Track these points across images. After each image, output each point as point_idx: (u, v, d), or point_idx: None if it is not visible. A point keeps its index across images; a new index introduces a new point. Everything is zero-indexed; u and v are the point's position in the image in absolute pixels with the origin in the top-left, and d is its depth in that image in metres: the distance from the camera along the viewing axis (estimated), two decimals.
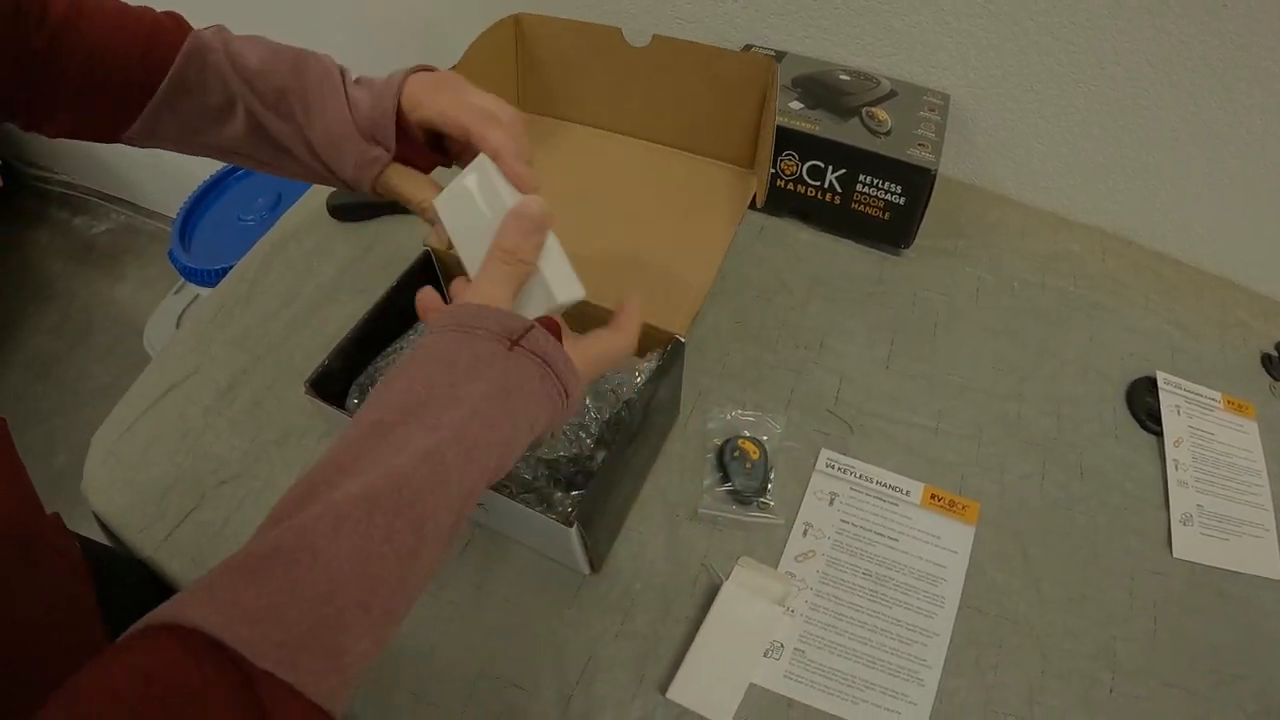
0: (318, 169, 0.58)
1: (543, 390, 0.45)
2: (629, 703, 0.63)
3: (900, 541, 0.71)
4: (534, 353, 0.45)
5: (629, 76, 0.75)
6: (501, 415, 0.42)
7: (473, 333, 0.44)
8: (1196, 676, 0.65)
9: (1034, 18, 0.86)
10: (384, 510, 0.37)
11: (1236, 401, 0.83)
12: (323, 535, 0.36)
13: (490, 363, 0.43)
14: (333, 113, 0.56)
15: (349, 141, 0.56)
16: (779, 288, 0.91)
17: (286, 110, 0.56)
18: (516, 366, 0.44)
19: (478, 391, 0.42)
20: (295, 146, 0.57)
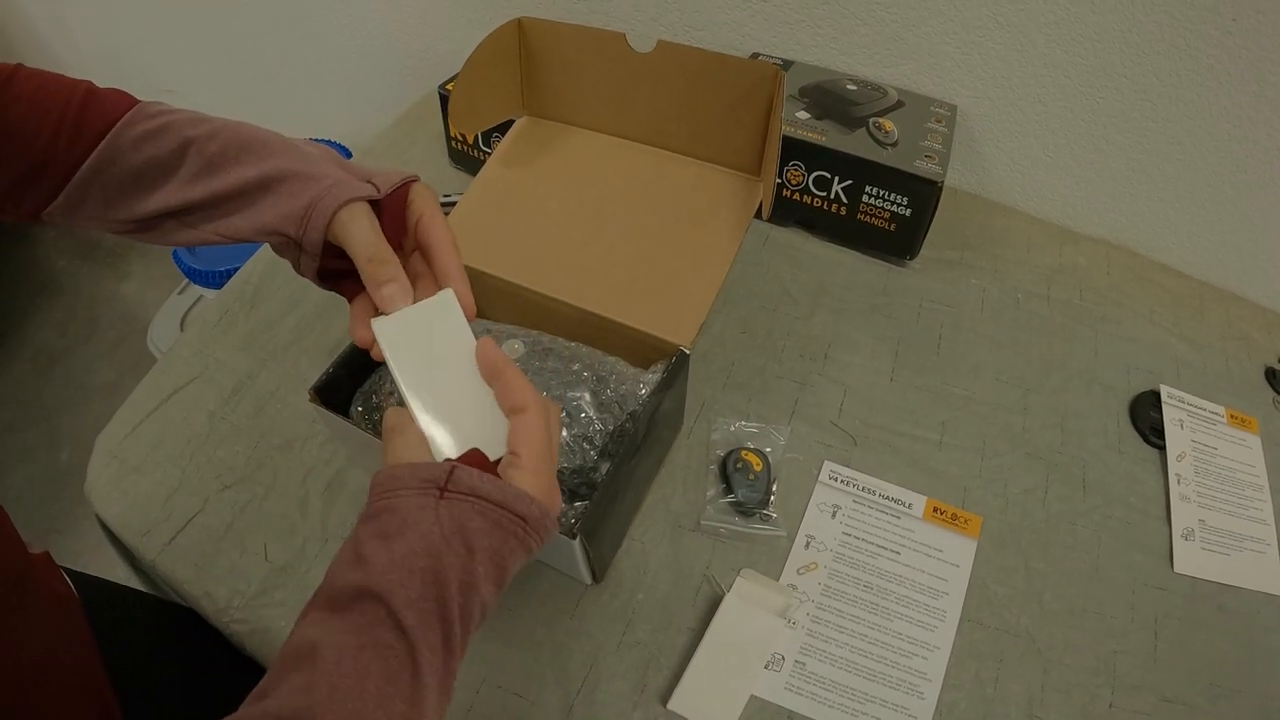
0: (273, 204, 0.51)
1: (487, 525, 0.43)
2: (630, 713, 0.63)
3: (902, 554, 0.71)
4: (464, 494, 0.43)
5: (634, 82, 0.75)
6: (449, 571, 0.41)
7: (396, 494, 0.43)
8: (1196, 691, 0.65)
9: (1042, 30, 0.86)
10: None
11: (1240, 416, 0.83)
12: None
13: (422, 518, 0.42)
14: (319, 153, 0.54)
15: (322, 172, 0.52)
16: (784, 298, 0.91)
17: (249, 157, 0.52)
18: (449, 513, 0.42)
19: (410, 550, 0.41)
20: (251, 182, 0.51)
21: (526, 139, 0.81)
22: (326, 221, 0.49)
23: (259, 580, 0.71)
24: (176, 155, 0.51)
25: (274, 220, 0.51)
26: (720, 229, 0.72)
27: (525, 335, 0.70)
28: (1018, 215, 1.02)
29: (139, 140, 0.51)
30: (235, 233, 0.53)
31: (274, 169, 0.51)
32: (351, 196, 0.50)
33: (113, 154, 0.51)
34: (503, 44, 0.76)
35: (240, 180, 0.51)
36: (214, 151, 0.51)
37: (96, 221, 0.53)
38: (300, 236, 0.50)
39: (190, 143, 0.51)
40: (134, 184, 0.52)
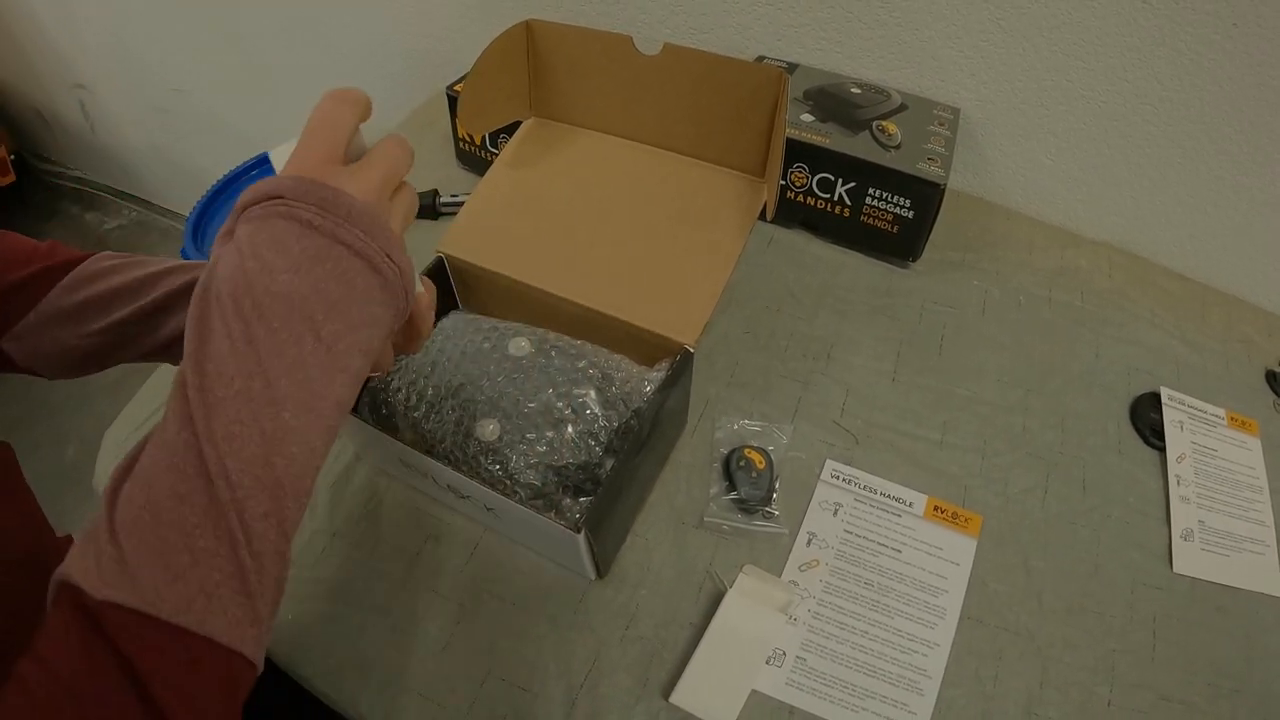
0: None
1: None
2: (633, 706, 0.63)
3: (903, 552, 0.72)
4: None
5: (640, 84, 0.76)
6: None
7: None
8: (1194, 691, 0.65)
9: (1044, 34, 0.87)
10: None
11: (1240, 418, 0.83)
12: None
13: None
14: None
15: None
16: (788, 299, 0.92)
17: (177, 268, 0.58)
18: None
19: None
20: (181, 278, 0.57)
21: (534, 140, 0.82)
22: None
23: None
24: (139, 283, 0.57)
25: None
26: (725, 230, 0.73)
27: (532, 333, 0.71)
28: (1020, 218, 1.03)
29: (107, 272, 0.57)
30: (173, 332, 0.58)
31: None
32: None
33: (90, 276, 0.56)
34: (511, 46, 0.76)
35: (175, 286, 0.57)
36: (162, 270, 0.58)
37: (59, 341, 0.58)
38: None
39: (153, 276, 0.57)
40: (111, 298, 0.57)
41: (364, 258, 0.39)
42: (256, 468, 0.35)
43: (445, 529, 0.74)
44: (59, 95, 2.16)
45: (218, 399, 0.35)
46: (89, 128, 2.22)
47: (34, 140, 2.47)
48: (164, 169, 2.20)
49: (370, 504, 0.75)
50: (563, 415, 0.65)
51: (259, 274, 0.36)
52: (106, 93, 2.04)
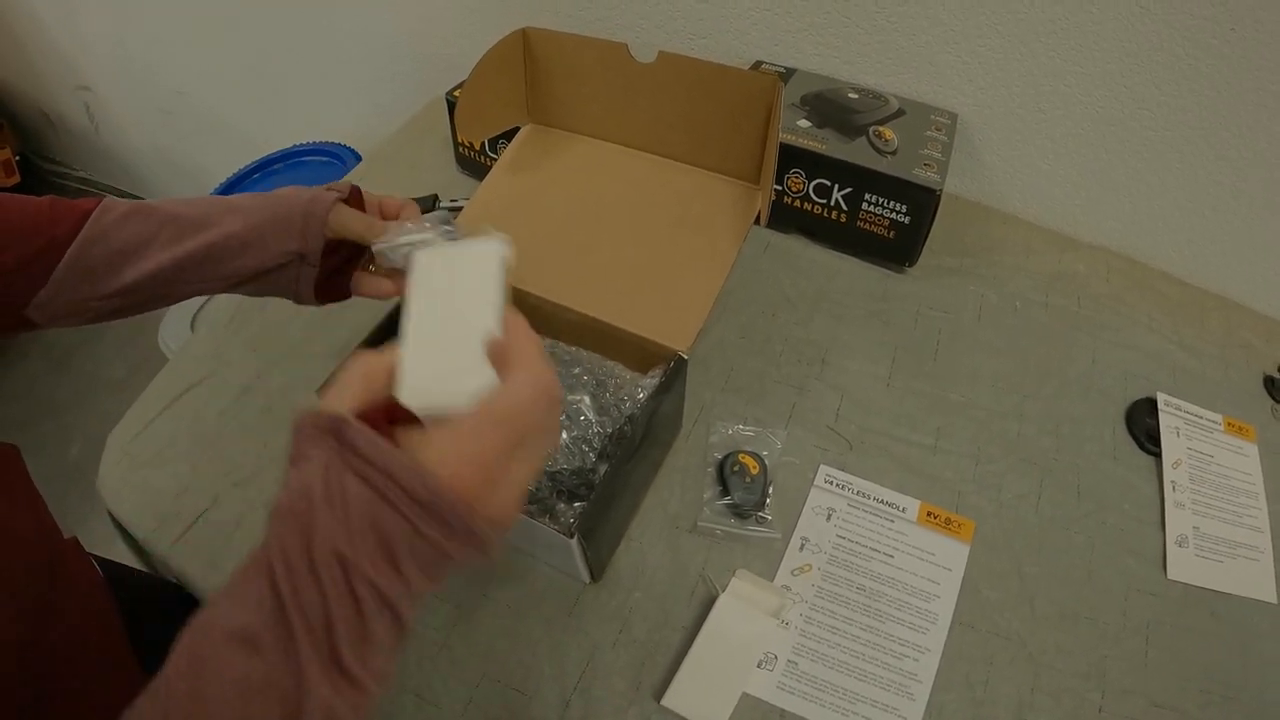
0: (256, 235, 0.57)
1: (373, 491, 0.36)
2: (626, 709, 0.64)
3: (895, 558, 0.72)
4: (350, 450, 0.37)
5: (635, 91, 0.76)
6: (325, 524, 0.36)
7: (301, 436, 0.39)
8: (1187, 697, 0.66)
9: (1042, 39, 0.87)
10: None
11: (1237, 424, 0.83)
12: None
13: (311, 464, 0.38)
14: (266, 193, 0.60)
15: (295, 194, 0.59)
16: (784, 304, 0.92)
17: (218, 213, 0.58)
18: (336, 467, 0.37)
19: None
20: (232, 223, 0.57)
21: (531, 146, 0.82)
22: (323, 224, 0.58)
23: None
24: (157, 226, 0.57)
25: (276, 249, 0.58)
26: (719, 236, 0.73)
27: None
28: (1017, 222, 1.03)
29: (121, 220, 0.56)
30: (236, 273, 0.59)
31: (249, 212, 0.58)
32: (332, 200, 0.59)
33: (96, 235, 0.55)
34: (508, 53, 0.77)
35: (226, 231, 0.57)
36: (191, 216, 0.57)
37: (80, 303, 0.57)
38: (304, 248, 0.58)
39: (169, 216, 0.57)
40: (119, 259, 0.56)
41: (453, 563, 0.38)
42: None
43: None
44: (63, 97, 2.17)
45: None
46: (93, 129, 2.23)
47: (39, 141, 2.49)
48: (168, 170, 2.21)
49: None
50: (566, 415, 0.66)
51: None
52: (111, 94, 2.04)
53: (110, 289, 0.56)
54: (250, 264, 0.58)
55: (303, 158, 1.60)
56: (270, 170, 1.59)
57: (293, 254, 0.58)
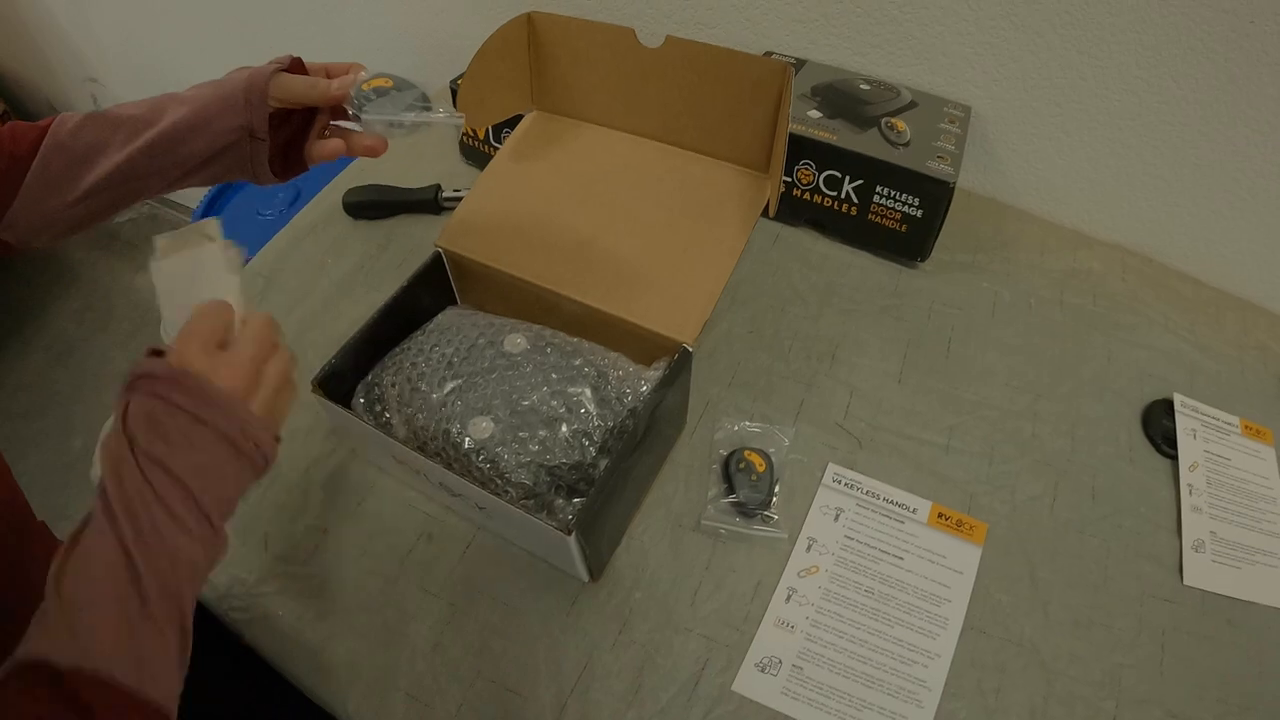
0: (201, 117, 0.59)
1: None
2: (624, 712, 0.62)
3: (905, 560, 0.70)
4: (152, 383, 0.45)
5: (642, 77, 0.75)
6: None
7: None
8: (1203, 707, 0.64)
9: (1058, 31, 0.85)
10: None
11: (1255, 427, 0.81)
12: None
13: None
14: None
15: (237, 73, 0.61)
16: (793, 298, 0.90)
17: (172, 105, 0.60)
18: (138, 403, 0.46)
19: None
20: (177, 110, 0.59)
21: (535, 133, 0.81)
22: (264, 95, 0.60)
23: (259, 570, 0.71)
24: (111, 129, 0.59)
25: (221, 126, 0.60)
26: (727, 225, 0.72)
27: (528, 329, 0.70)
28: (1031, 219, 1.01)
29: (76, 129, 0.59)
30: (189, 158, 0.61)
31: (195, 99, 0.60)
32: (271, 70, 0.60)
33: (54, 146, 0.59)
34: (512, 38, 0.75)
35: (173, 119, 0.59)
36: (141, 114, 0.60)
37: (48, 215, 0.60)
38: (249, 121, 0.60)
39: (121, 118, 0.59)
40: (80, 164, 0.59)
41: (225, 438, 0.46)
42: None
43: (438, 527, 0.73)
44: (71, 89, 2.17)
45: (139, 522, 0.42)
46: None
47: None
48: None
49: (363, 501, 0.75)
50: (557, 414, 0.64)
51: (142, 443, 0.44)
52: (118, 86, 2.04)
53: (73, 196, 0.59)
54: (201, 147, 0.60)
55: None
56: None
57: (240, 129, 0.60)
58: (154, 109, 0.60)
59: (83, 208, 0.60)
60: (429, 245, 0.76)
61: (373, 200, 0.98)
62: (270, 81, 0.60)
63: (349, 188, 1.01)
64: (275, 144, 0.62)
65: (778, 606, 0.67)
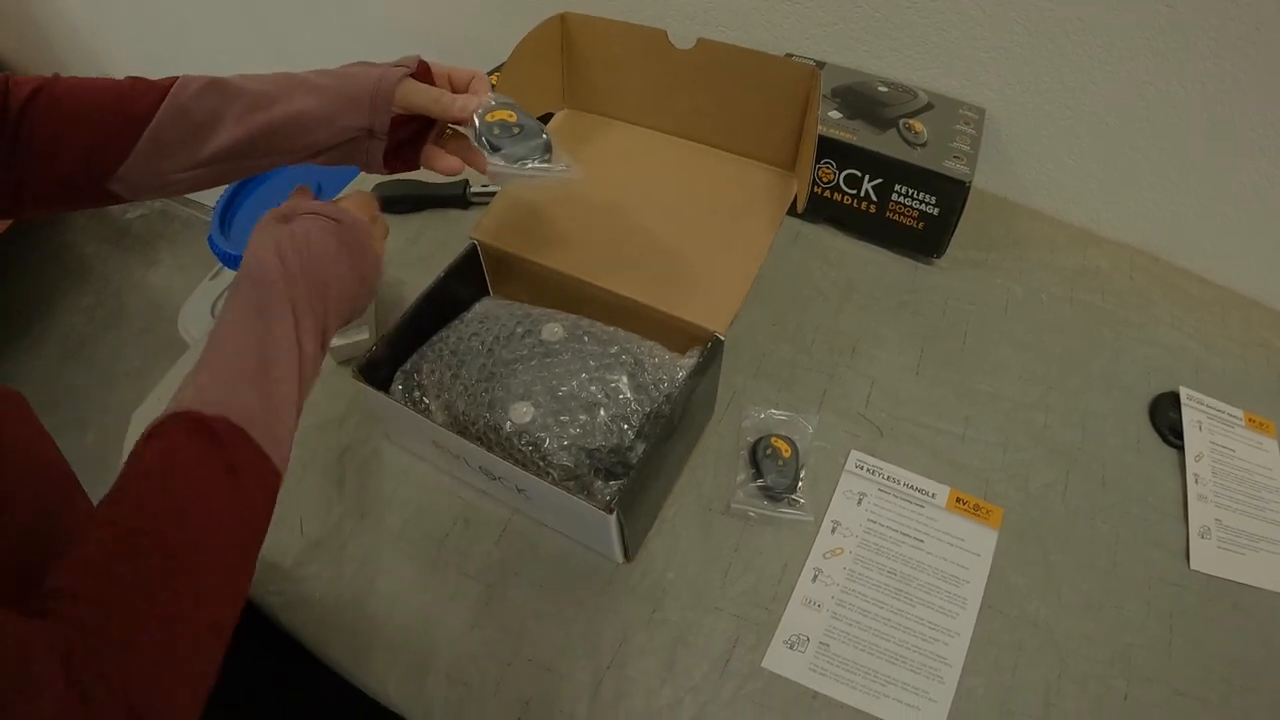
0: (326, 112, 0.61)
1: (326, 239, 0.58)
2: (659, 689, 0.65)
3: (925, 542, 0.73)
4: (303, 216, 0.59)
5: (673, 78, 0.77)
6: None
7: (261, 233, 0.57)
8: (1209, 687, 0.66)
9: (1069, 35, 0.88)
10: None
11: (1258, 419, 0.84)
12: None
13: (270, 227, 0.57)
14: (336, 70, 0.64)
15: (364, 71, 0.62)
16: (814, 293, 0.93)
17: (290, 89, 0.61)
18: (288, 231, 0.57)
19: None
20: (303, 100, 0.61)
21: (567, 131, 0.83)
22: (389, 101, 0.61)
23: (294, 554, 0.73)
24: (231, 99, 0.60)
25: (345, 124, 0.61)
26: (755, 222, 0.74)
27: (564, 319, 0.72)
28: (1042, 218, 1.04)
29: (197, 95, 0.59)
30: (308, 146, 0.62)
31: (322, 90, 0.61)
32: (399, 76, 0.61)
33: (173, 110, 0.59)
34: (546, 38, 0.78)
35: (299, 108, 0.60)
36: (265, 90, 0.60)
37: (160, 176, 0.61)
38: (371, 123, 0.61)
39: (243, 90, 0.60)
40: (196, 132, 0.60)
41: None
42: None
43: (474, 512, 0.75)
44: None
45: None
46: None
47: None
48: None
49: (398, 487, 0.77)
50: (595, 399, 0.66)
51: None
52: None
53: (187, 163, 0.60)
54: (321, 139, 0.62)
55: None
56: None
57: (362, 129, 0.62)
58: (278, 89, 0.61)
59: (194, 174, 0.61)
60: (457, 239, 0.78)
61: (402, 194, 1.00)
62: (397, 88, 0.61)
63: (378, 181, 1.03)
64: (392, 142, 0.63)
65: (805, 586, 0.70)
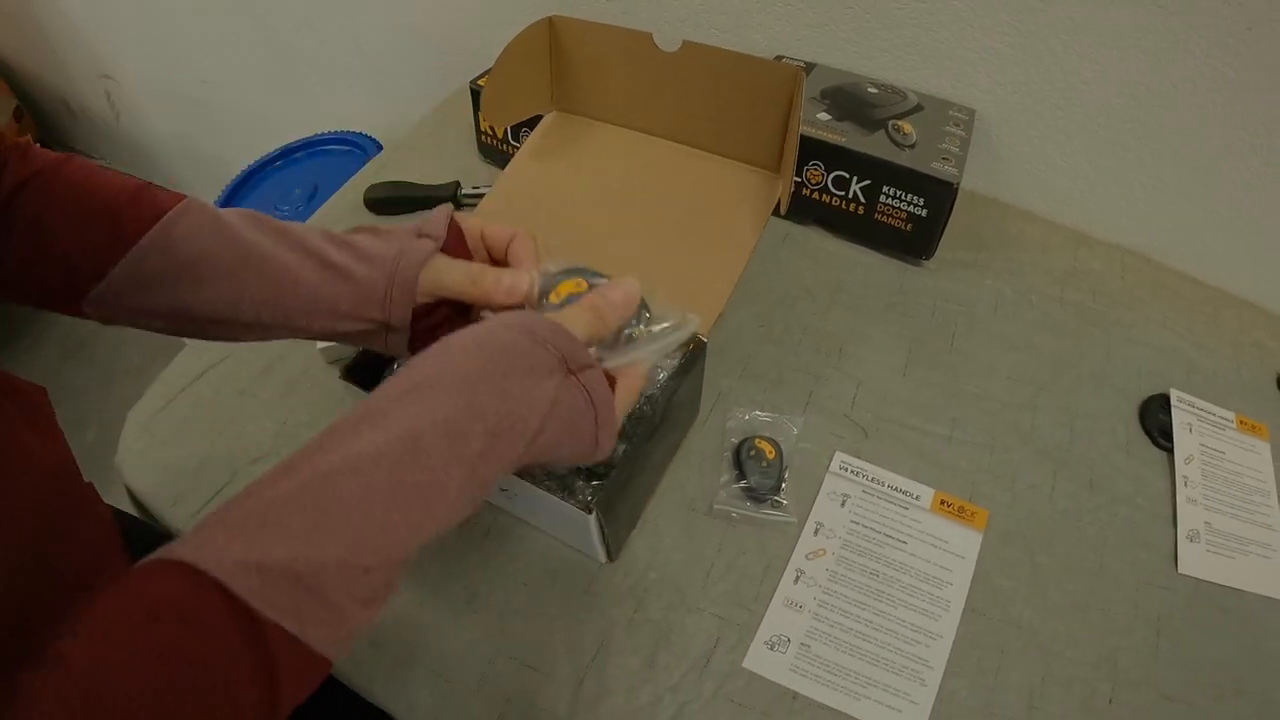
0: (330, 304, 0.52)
1: (581, 428, 0.45)
2: (639, 688, 0.65)
3: (909, 544, 0.72)
4: (587, 389, 0.45)
5: (659, 80, 0.77)
6: (538, 424, 0.43)
7: (542, 344, 0.44)
8: (1196, 691, 0.66)
9: (1060, 37, 0.88)
10: (399, 467, 0.38)
11: (1250, 422, 0.84)
12: (335, 488, 0.37)
13: (546, 376, 0.44)
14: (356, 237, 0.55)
15: (383, 251, 0.52)
16: (802, 294, 0.93)
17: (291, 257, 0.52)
18: (567, 391, 0.44)
19: (523, 393, 0.42)
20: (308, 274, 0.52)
21: (554, 133, 0.83)
22: (413, 292, 0.52)
23: None
24: (225, 249, 0.51)
25: (352, 309, 0.52)
26: (740, 223, 0.74)
27: None
28: (1033, 219, 1.04)
29: (188, 232, 0.51)
30: (305, 327, 0.53)
31: (332, 262, 0.52)
32: (424, 256, 0.52)
33: (160, 244, 0.50)
34: (534, 41, 0.78)
35: (303, 273, 0.51)
36: (267, 246, 0.52)
37: (135, 314, 0.53)
38: (388, 318, 0.52)
39: (240, 237, 0.52)
40: (178, 275, 0.51)
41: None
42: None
43: None
44: (85, 85, 2.19)
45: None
46: (114, 117, 2.24)
47: (60, 130, 2.50)
48: (189, 159, 2.22)
49: None
50: None
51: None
52: (132, 83, 2.06)
53: (165, 305, 0.52)
54: (322, 326, 0.53)
55: (325, 147, 1.61)
56: (292, 159, 1.61)
57: (375, 322, 0.53)
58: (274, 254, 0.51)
59: (172, 322, 0.53)
60: None
61: (394, 196, 1.01)
62: (422, 272, 0.52)
63: (370, 184, 1.03)
64: (420, 328, 0.54)
65: (787, 587, 0.70)
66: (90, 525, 0.56)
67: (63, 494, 0.51)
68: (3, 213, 0.50)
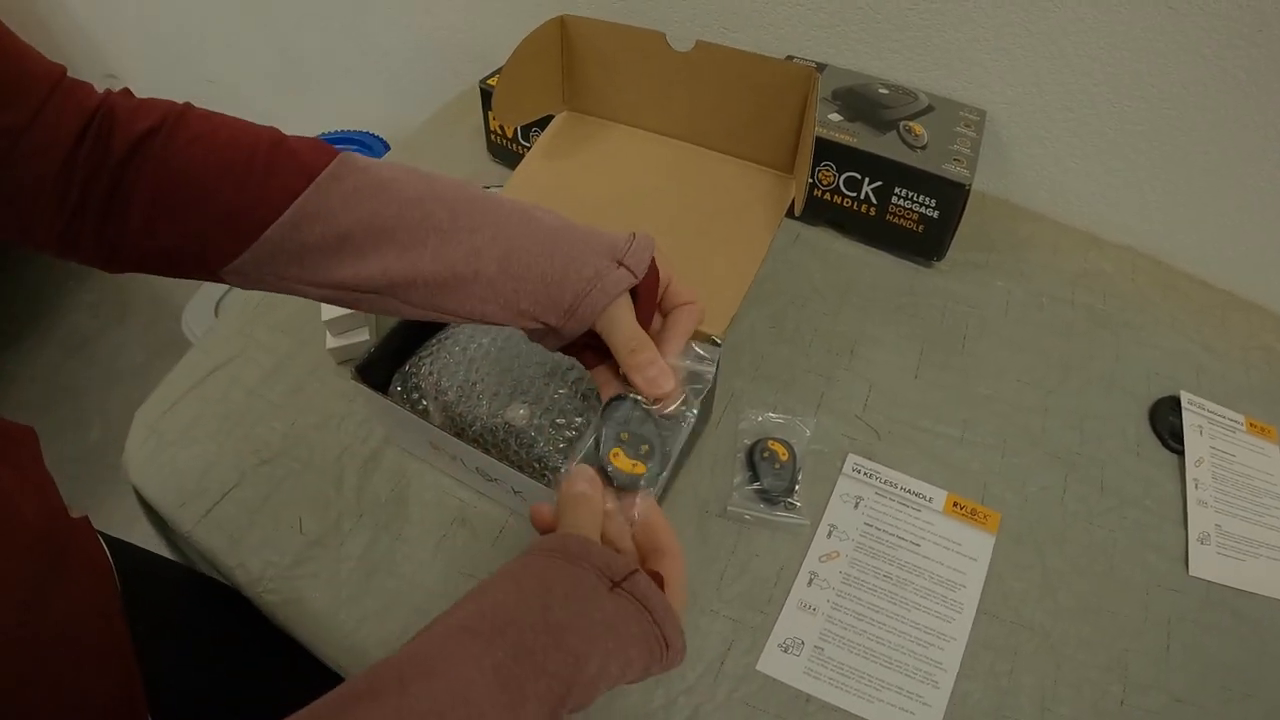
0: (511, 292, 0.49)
1: (641, 634, 0.42)
2: (653, 690, 0.64)
3: (922, 546, 0.72)
4: (635, 596, 0.42)
5: (672, 80, 0.77)
6: (590, 650, 0.40)
7: (577, 563, 0.42)
8: (1207, 693, 0.66)
9: (1071, 38, 0.88)
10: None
11: (1259, 425, 0.84)
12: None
13: (589, 598, 0.41)
14: (548, 221, 0.51)
15: (581, 260, 0.48)
16: (813, 295, 0.92)
17: (484, 227, 0.48)
18: (615, 606, 0.42)
19: (568, 622, 0.40)
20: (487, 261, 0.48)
21: (566, 133, 0.83)
22: (595, 317, 0.48)
23: (293, 552, 0.72)
24: (395, 219, 0.47)
25: (531, 309, 0.49)
26: (753, 224, 0.74)
27: None
28: (1044, 221, 1.04)
29: (348, 196, 0.47)
30: (477, 315, 0.50)
31: (516, 248, 0.48)
32: (618, 291, 0.48)
33: (315, 209, 0.46)
34: (545, 40, 0.78)
35: (481, 260, 0.48)
36: (444, 219, 0.48)
37: (286, 283, 0.49)
38: (561, 327, 0.49)
39: (413, 205, 0.48)
40: (339, 246, 0.47)
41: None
42: None
43: (472, 513, 0.75)
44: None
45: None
46: None
47: None
48: None
49: (398, 487, 0.77)
50: (591, 402, 0.66)
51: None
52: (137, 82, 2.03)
53: (319, 280, 0.48)
54: (493, 313, 0.49)
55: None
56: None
57: (548, 326, 0.50)
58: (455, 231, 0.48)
59: (330, 293, 0.49)
60: None
61: None
62: (612, 306, 0.48)
63: None
64: (579, 342, 0.51)
65: (800, 590, 0.70)
66: (80, 572, 0.53)
67: (41, 549, 0.48)
68: (119, 175, 0.46)
